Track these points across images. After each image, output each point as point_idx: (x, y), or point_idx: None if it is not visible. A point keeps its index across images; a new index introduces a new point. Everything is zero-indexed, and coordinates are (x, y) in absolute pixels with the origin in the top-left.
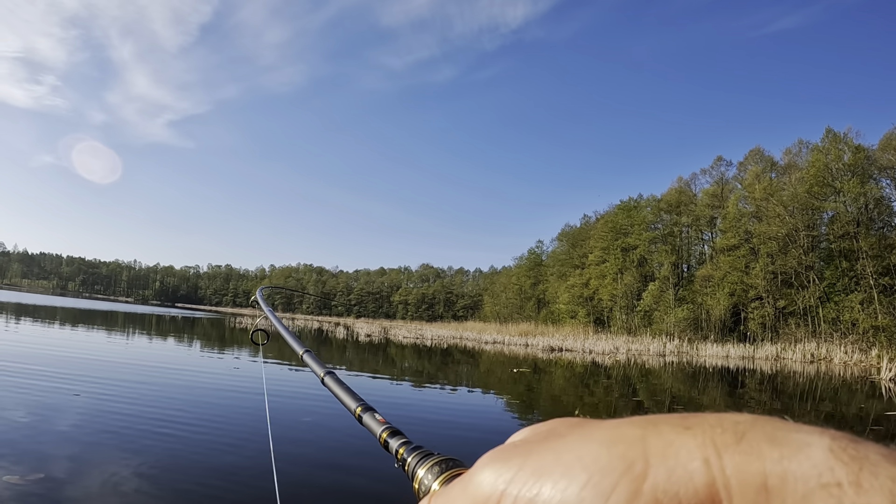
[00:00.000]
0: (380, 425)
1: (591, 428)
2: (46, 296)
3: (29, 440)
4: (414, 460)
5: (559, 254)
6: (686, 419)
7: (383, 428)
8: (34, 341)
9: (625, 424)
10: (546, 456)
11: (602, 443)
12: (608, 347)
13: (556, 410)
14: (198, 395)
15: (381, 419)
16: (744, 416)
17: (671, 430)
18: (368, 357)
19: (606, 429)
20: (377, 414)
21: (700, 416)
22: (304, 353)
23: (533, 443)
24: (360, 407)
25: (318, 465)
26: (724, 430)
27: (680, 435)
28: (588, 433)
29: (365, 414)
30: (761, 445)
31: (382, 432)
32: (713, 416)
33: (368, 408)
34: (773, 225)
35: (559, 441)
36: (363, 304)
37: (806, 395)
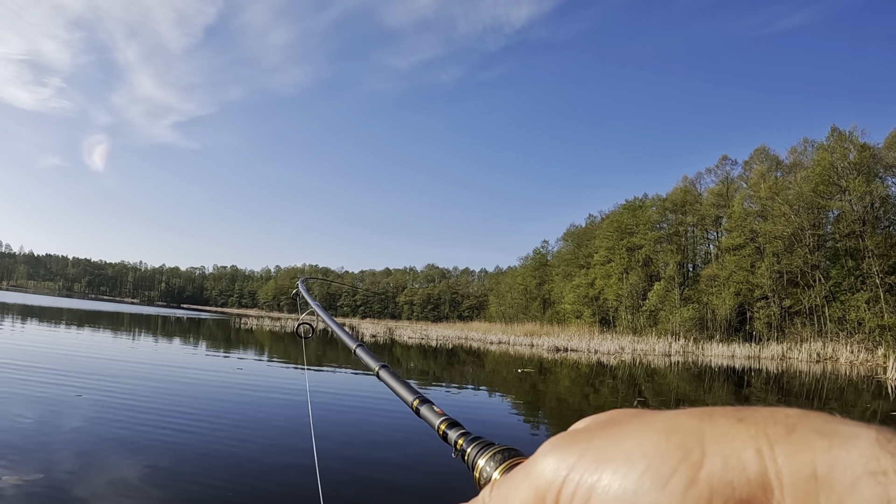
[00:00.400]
0: (437, 417)
1: (651, 417)
2: (52, 297)
3: (34, 441)
4: (474, 450)
5: (564, 254)
6: (740, 411)
7: (441, 419)
8: (41, 342)
9: (682, 415)
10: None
11: (661, 431)
12: (613, 347)
13: (563, 411)
14: (220, 396)
15: (438, 411)
16: (794, 410)
17: (726, 422)
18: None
19: (665, 419)
20: (435, 406)
21: (753, 409)
22: (356, 348)
23: (594, 430)
24: (416, 399)
25: (361, 461)
26: (776, 422)
27: (734, 426)
28: (647, 422)
29: (422, 406)
30: (811, 436)
31: (441, 424)
32: (766, 409)
33: (425, 400)
34: (778, 224)
35: (620, 429)
36: (368, 305)
37: (812, 394)
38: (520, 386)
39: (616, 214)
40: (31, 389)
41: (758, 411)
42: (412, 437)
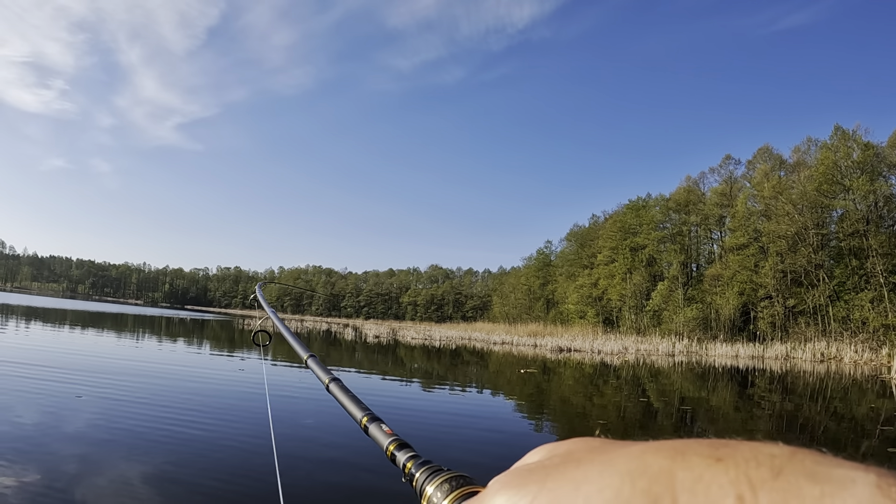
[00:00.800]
0: (387, 437)
1: (613, 455)
2: (56, 298)
3: (36, 442)
4: (422, 476)
5: (568, 254)
6: (717, 449)
7: (390, 440)
8: (44, 344)
9: (650, 452)
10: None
11: (625, 475)
12: (617, 347)
13: (567, 411)
14: (202, 398)
15: (387, 430)
16: (781, 449)
17: (701, 462)
18: (377, 358)
19: (630, 458)
20: (384, 425)
21: (733, 446)
22: (308, 358)
23: (549, 468)
24: (366, 417)
25: (323, 474)
26: (760, 463)
27: (710, 468)
28: (610, 462)
29: (371, 424)
30: (800, 482)
31: (389, 444)
32: (747, 446)
33: (375, 418)
34: (782, 223)
35: (578, 469)
36: (372, 306)
37: (816, 394)
38: (523, 387)
39: (619, 214)
40: (33, 390)
41: (738, 449)
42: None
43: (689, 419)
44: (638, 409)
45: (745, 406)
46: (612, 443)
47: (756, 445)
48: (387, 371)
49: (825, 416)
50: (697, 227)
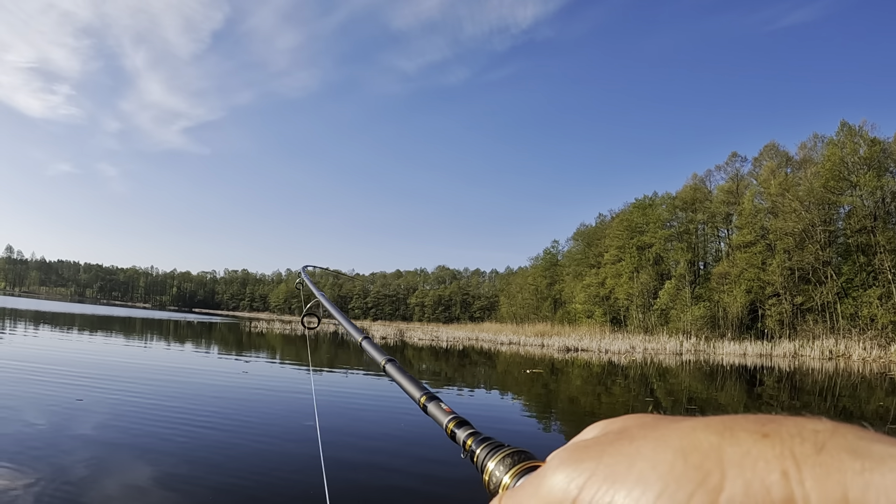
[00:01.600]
0: (446, 415)
1: (666, 432)
2: (65, 303)
3: (45, 444)
4: (483, 452)
5: (575, 253)
6: (764, 425)
7: (450, 418)
8: (53, 347)
9: (700, 429)
10: (619, 461)
11: (677, 450)
12: (624, 347)
13: (574, 412)
14: (230, 398)
15: (447, 409)
16: (824, 424)
17: (749, 438)
18: None
19: (682, 434)
20: (443, 403)
21: (778, 422)
22: (362, 341)
23: (605, 444)
24: (424, 396)
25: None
26: (804, 439)
27: (758, 443)
28: (662, 438)
29: (430, 403)
30: (842, 456)
31: (449, 422)
32: (792, 422)
33: (433, 397)
34: (789, 220)
35: (633, 444)
36: (380, 307)
37: (825, 392)
38: (530, 387)
39: (626, 213)
40: (42, 393)
41: (784, 424)
42: (420, 436)
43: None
44: (646, 409)
45: (753, 405)
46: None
47: (801, 421)
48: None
49: (834, 414)
50: (704, 225)
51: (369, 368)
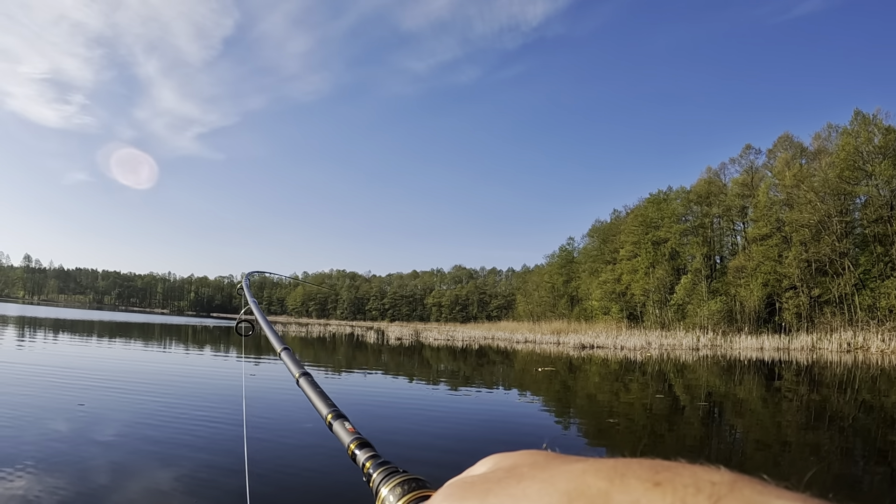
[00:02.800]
0: (349, 435)
1: (555, 472)
2: (83, 310)
3: (64, 450)
4: (378, 476)
5: (590, 250)
6: (658, 472)
7: (352, 438)
8: (71, 354)
9: (591, 473)
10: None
11: (563, 494)
12: (640, 343)
13: (589, 409)
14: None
15: (350, 428)
16: (722, 475)
17: (640, 486)
18: (402, 360)
19: (570, 477)
20: (347, 422)
21: (674, 470)
22: (282, 351)
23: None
24: (331, 413)
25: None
26: (699, 490)
27: (648, 492)
28: (551, 479)
29: (336, 421)
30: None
31: (351, 443)
32: (688, 471)
33: (340, 415)
34: (804, 212)
35: (520, 485)
36: (397, 308)
37: (844, 385)
38: (541, 385)
39: (641, 208)
40: (58, 399)
41: (679, 473)
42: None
43: (716, 414)
44: (664, 405)
45: (772, 399)
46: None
47: (697, 470)
48: (412, 372)
49: (853, 407)
50: (719, 218)
51: (387, 370)
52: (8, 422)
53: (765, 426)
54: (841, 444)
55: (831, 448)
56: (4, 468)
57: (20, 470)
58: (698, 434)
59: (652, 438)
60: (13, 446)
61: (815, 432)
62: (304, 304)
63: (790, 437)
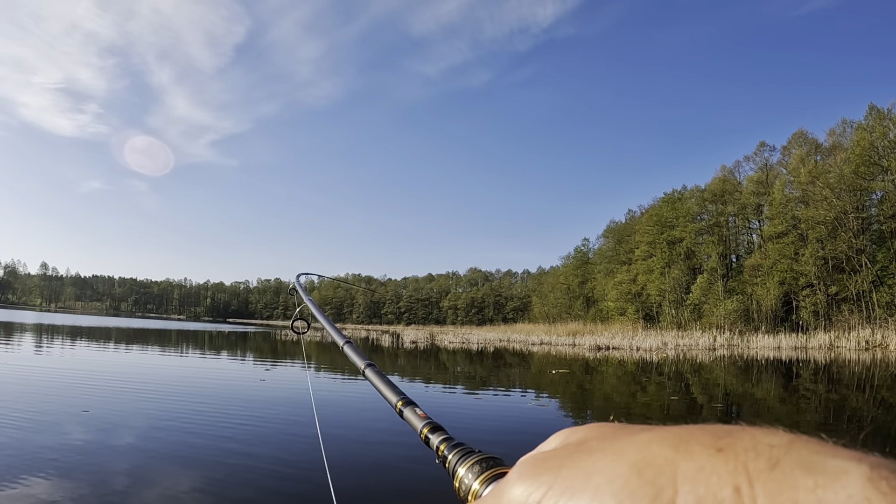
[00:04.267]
0: (420, 420)
1: (623, 444)
2: (100, 317)
3: (83, 455)
4: (454, 458)
5: (605, 250)
6: (720, 438)
7: (424, 423)
8: (89, 360)
9: (656, 442)
10: (576, 475)
11: (632, 465)
12: (656, 344)
13: (606, 410)
14: (248, 404)
15: (421, 414)
16: (779, 438)
17: (703, 452)
18: (418, 363)
19: (638, 447)
20: (418, 408)
21: (734, 436)
22: (344, 345)
23: (564, 456)
24: (400, 401)
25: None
26: (758, 454)
27: (712, 458)
28: (619, 452)
29: (406, 408)
30: (795, 472)
31: (423, 428)
32: (748, 435)
33: (409, 402)
34: (820, 209)
35: (590, 458)
36: (413, 311)
37: (864, 383)
38: (555, 386)
39: (655, 208)
40: (76, 405)
41: (740, 438)
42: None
43: (734, 414)
44: (682, 406)
45: (790, 398)
46: (624, 429)
47: (756, 434)
48: (426, 375)
49: (873, 406)
50: (735, 217)
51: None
52: (28, 427)
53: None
54: (861, 444)
55: (851, 447)
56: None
57: (52, 476)
58: None
59: None
60: (31, 453)
61: (835, 432)
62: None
63: (809, 436)
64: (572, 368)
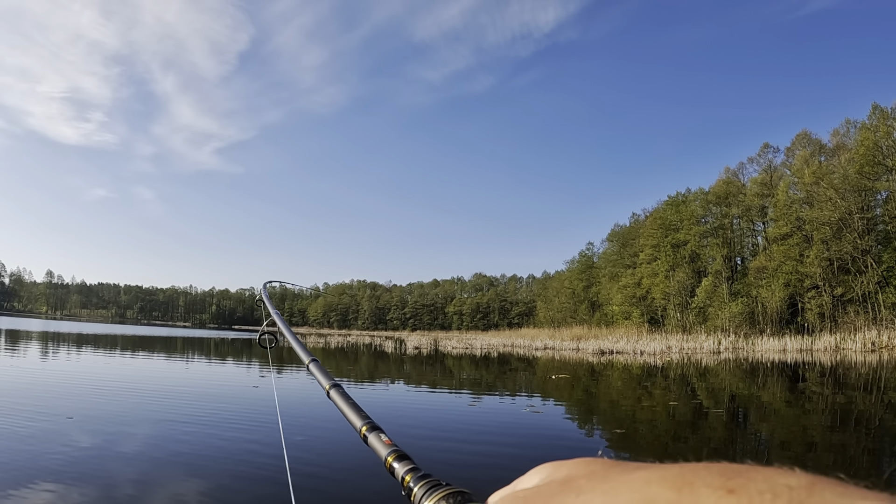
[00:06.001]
0: (386, 448)
1: (616, 484)
2: (106, 324)
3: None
4: (420, 490)
5: (610, 254)
6: (729, 479)
7: (389, 451)
8: (91, 367)
9: (655, 482)
10: None
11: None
12: (660, 347)
13: (611, 415)
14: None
15: (387, 441)
16: (798, 478)
17: (711, 495)
18: (424, 369)
19: (634, 488)
20: (383, 434)
21: (746, 475)
22: (310, 363)
23: (547, 496)
24: (365, 425)
25: (332, 484)
26: (776, 496)
27: (721, 501)
28: (613, 492)
29: (371, 433)
30: None
31: (388, 456)
32: (762, 475)
33: (374, 427)
34: (825, 210)
35: (578, 499)
36: (418, 317)
37: (870, 385)
38: (560, 392)
39: (659, 211)
40: (83, 412)
41: (752, 478)
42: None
43: (740, 417)
44: (687, 410)
45: (796, 401)
46: (614, 466)
47: (771, 474)
48: (435, 381)
49: (880, 407)
50: (739, 219)
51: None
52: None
53: (790, 429)
54: (868, 446)
55: (858, 450)
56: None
57: (48, 481)
58: (723, 438)
59: (677, 443)
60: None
61: (842, 434)
62: (326, 314)
63: (816, 438)
64: (577, 373)
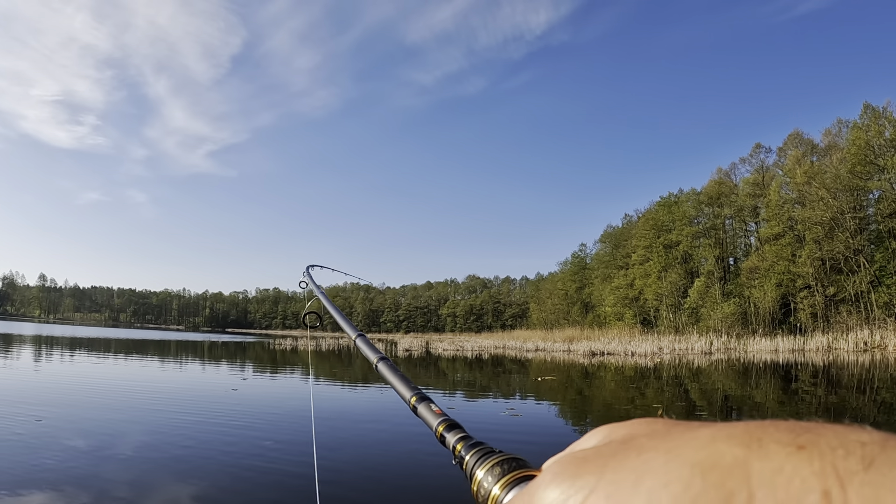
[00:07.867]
0: (436, 417)
1: (680, 441)
2: (99, 328)
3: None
4: (472, 459)
5: (602, 255)
6: (799, 435)
7: (440, 420)
8: (87, 371)
9: (722, 439)
10: (625, 477)
11: (694, 466)
12: (651, 349)
13: (601, 417)
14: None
15: (437, 410)
16: (871, 435)
17: (781, 451)
18: (418, 371)
19: (699, 445)
20: (433, 404)
21: (816, 431)
22: (356, 338)
23: (607, 455)
24: (415, 396)
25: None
26: (849, 452)
27: (792, 457)
28: (676, 449)
29: (420, 404)
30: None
31: (439, 425)
32: (832, 431)
33: (424, 397)
34: (817, 209)
35: (640, 457)
36: (412, 319)
37: (862, 385)
38: (554, 393)
39: (652, 212)
40: (80, 416)
41: (823, 434)
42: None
43: (734, 418)
44: (681, 411)
45: (789, 401)
46: (676, 425)
47: (842, 430)
48: (428, 382)
49: (873, 407)
50: (731, 219)
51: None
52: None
53: None
54: None
55: None
56: None
57: (45, 485)
58: None
59: None
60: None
61: None
62: (320, 317)
63: None
64: (570, 374)
